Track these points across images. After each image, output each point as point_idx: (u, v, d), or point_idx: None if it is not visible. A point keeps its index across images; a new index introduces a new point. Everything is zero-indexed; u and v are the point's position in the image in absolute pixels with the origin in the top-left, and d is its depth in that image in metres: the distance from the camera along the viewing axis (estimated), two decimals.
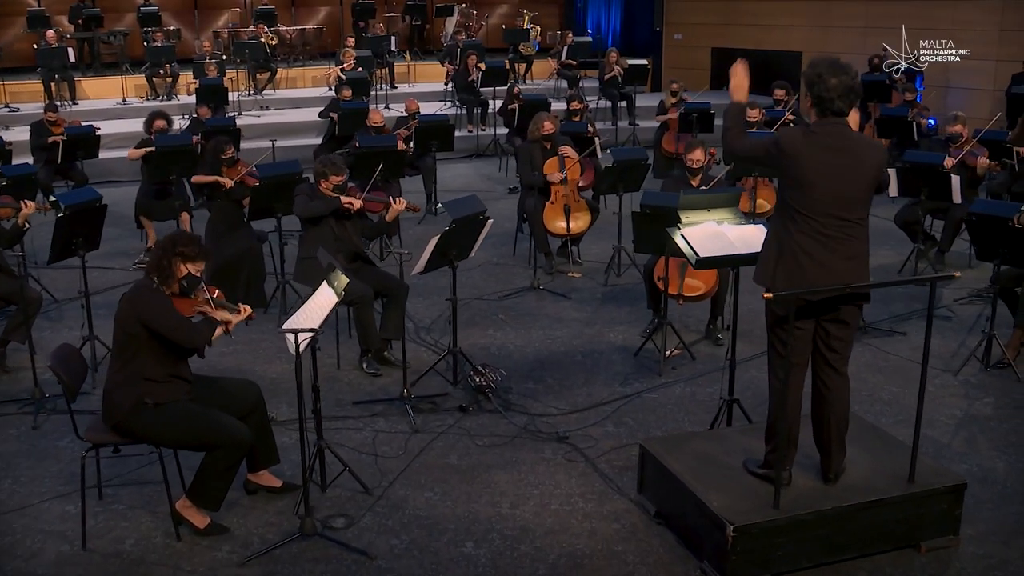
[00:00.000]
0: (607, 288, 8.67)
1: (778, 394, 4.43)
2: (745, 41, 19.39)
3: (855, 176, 4.23)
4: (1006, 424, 5.98)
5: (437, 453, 5.58)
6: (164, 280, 4.60)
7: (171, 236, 4.71)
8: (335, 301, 4.69)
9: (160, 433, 4.57)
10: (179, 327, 4.56)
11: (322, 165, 6.79)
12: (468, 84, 14.84)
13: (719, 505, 4.34)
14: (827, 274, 4.26)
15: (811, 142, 4.22)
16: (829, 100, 4.21)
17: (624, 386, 6.54)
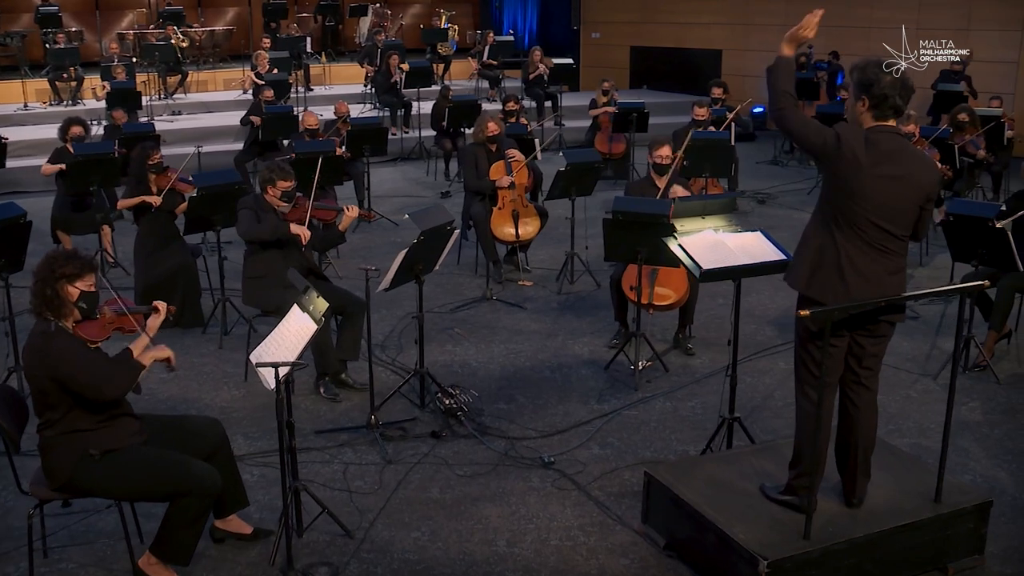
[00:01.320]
0: (562, 296, 8.32)
1: (810, 417, 4.12)
2: (664, 40, 19.39)
3: (908, 190, 3.94)
4: (998, 430, 5.82)
5: (416, 486, 5.14)
6: (59, 313, 3.98)
7: (44, 262, 4.02)
8: (314, 329, 4.21)
9: (117, 486, 4.02)
10: (90, 381, 3.92)
11: (268, 171, 6.27)
12: (390, 86, 14.34)
13: (746, 538, 4.01)
14: (870, 287, 3.97)
15: (871, 148, 3.89)
16: (888, 97, 3.89)
17: (601, 403, 6.18)
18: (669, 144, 7.06)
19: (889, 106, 3.93)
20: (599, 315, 7.81)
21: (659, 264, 6.46)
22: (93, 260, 4.13)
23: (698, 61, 19.14)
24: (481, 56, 16.72)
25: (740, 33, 18.53)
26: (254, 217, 6.18)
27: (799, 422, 4.28)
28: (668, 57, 19.33)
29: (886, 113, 3.95)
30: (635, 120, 11.82)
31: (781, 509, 4.25)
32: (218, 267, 7.29)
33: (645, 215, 6.26)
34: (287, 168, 6.30)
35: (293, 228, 6.18)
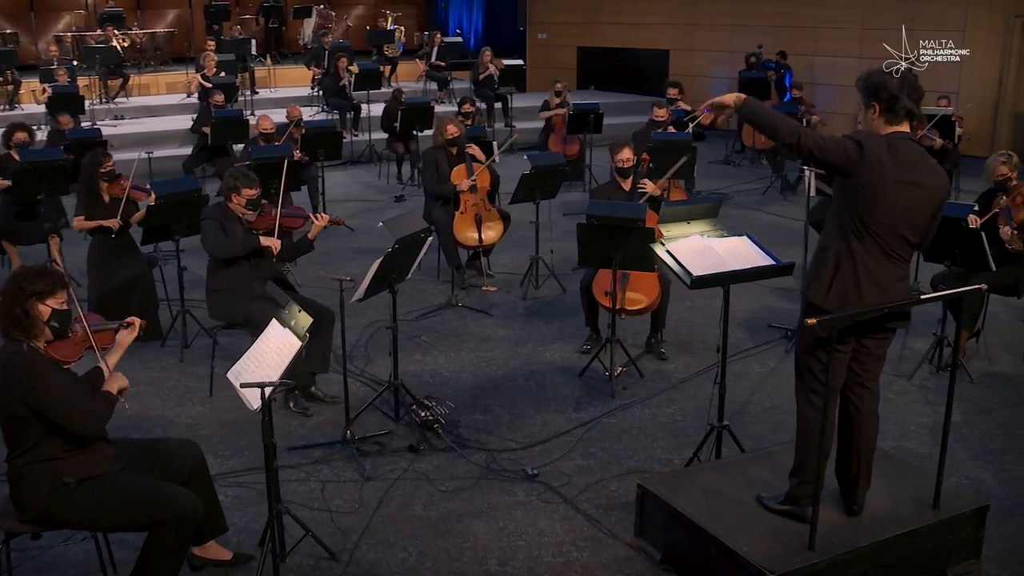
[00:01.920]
0: (528, 302, 8.20)
1: (815, 423, 4.03)
2: (611, 40, 19.39)
3: (926, 197, 3.89)
4: (977, 431, 5.82)
5: (399, 503, 4.97)
6: (30, 334, 3.75)
7: (13, 279, 3.78)
8: (298, 346, 4.02)
9: (94, 516, 3.79)
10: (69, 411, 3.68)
11: (232, 178, 6.04)
12: (339, 88, 14.09)
13: (750, 551, 3.92)
14: (883, 294, 3.91)
15: (893, 154, 3.81)
16: (898, 99, 3.82)
17: (579, 411, 6.07)
18: (629, 146, 6.97)
19: (901, 107, 3.86)
20: (567, 320, 7.70)
21: (634, 269, 6.37)
22: (64, 277, 3.90)
23: (645, 61, 19.17)
24: (429, 57, 16.53)
25: (686, 33, 18.59)
26: (220, 229, 5.94)
27: (802, 429, 4.19)
28: (615, 57, 19.33)
29: (899, 116, 3.88)
30: (592, 121, 11.69)
31: (782, 520, 4.17)
32: (177, 277, 7.03)
33: (620, 219, 6.16)
34: (252, 175, 6.08)
35: (263, 241, 5.96)
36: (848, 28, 16.37)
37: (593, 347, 6.99)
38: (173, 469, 4.11)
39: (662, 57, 19.02)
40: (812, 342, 4.01)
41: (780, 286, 8.58)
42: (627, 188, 6.93)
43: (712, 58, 18.15)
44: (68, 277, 8.04)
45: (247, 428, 5.76)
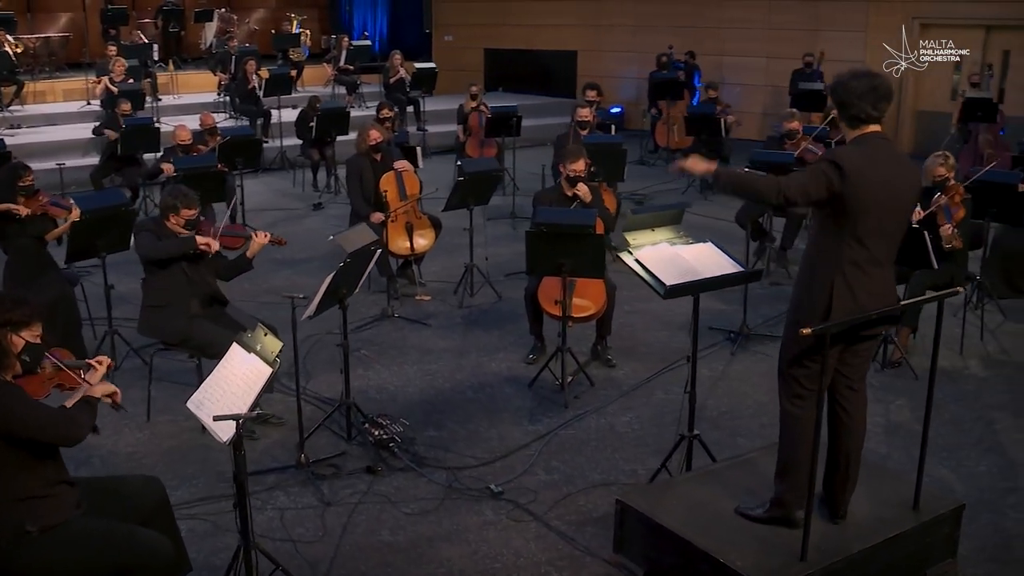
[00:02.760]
0: (464, 310, 8.04)
1: (804, 429, 4.00)
2: (517, 41, 19.32)
3: (904, 195, 3.90)
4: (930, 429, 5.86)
5: (364, 529, 4.76)
6: (1, 365, 3.51)
7: None
8: (268, 373, 3.79)
9: (59, 567, 3.49)
10: (49, 422, 3.48)
11: (172, 197, 5.75)
12: (248, 93, 13.68)
13: (744, 564, 3.86)
14: (876, 301, 3.92)
15: (865, 160, 3.79)
16: (855, 105, 3.82)
17: (534, 424, 5.95)
18: (584, 157, 6.86)
19: (860, 115, 3.86)
20: (507, 328, 7.58)
21: (584, 276, 6.29)
22: (41, 308, 3.61)
23: (553, 62, 19.18)
24: (337, 61, 16.19)
25: (593, 34, 18.66)
26: (155, 239, 5.65)
27: (788, 435, 4.14)
28: (523, 59, 19.28)
29: (863, 121, 3.88)
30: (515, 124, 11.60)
31: (768, 529, 4.12)
32: (105, 296, 6.66)
33: (570, 226, 6.07)
34: (191, 194, 5.79)
35: (200, 241, 5.67)
36: (753, 28, 16.65)
37: (539, 356, 6.89)
38: (135, 508, 3.85)
39: (570, 58, 19.06)
40: (800, 351, 3.96)
41: None
42: (570, 195, 6.82)
43: (620, 59, 18.25)
44: None
45: (192, 455, 5.49)
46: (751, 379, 6.60)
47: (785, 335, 4.15)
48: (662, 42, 16.92)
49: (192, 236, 5.67)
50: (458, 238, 9.09)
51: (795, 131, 9.24)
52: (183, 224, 5.69)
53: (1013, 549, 4.63)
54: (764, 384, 6.50)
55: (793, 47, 16.01)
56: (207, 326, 5.71)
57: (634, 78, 17.82)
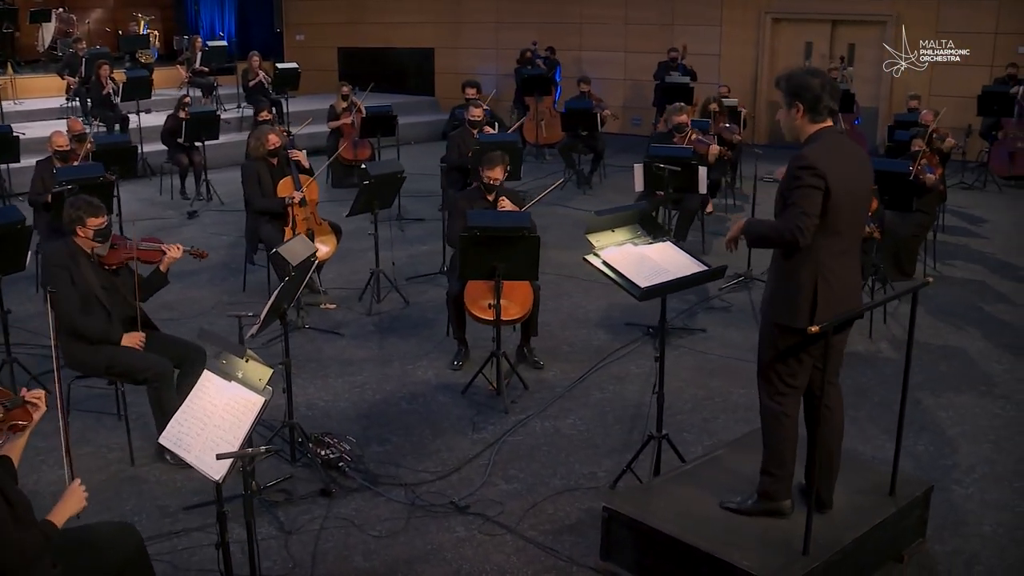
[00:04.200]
0: (374, 318, 7.81)
1: (786, 425, 4.08)
2: (373, 40, 19.03)
3: (865, 183, 4.04)
4: (862, 412, 6.05)
5: (335, 557, 4.52)
6: None
7: None
8: (261, 403, 3.53)
9: None
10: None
11: (74, 208, 5.28)
12: (104, 98, 12.91)
13: (750, 564, 3.85)
14: (854, 292, 4.04)
15: (831, 156, 3.86)
16: (820, 99, 3.89)
17: (478, 432, 5.81)
18: (503, 165, 6.74)
19: (824, 107, 3.95)
20: (422, 334, 7.41)
21: (519, 279, 6.20)
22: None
23: (409, 60, 18.96)
24: (192, 63, 15.49)
25: (451, 32, 18.55)
26: (69, 281, 5.19)
27: (770, 431, 4.17)
28: (377, 57, 18.96)
29: (823, 115, 3.96)
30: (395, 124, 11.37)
31: (760, 525, 4.13)
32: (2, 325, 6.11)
33: (505, 229, 5.96)
34: (95, 202, 5.35)
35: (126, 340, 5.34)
36: (611, 24, 16.90)
37: (463, 361, 6.76)
38: (110, 561, 3.51)
39: (427, 56, 18.89)
40: (783, 349, 4.01)
41: None
42: (491, 199, 6.70)
43: (479, 55, 18.21)
44: None
45: (124, 489, 5.11)
46: (681, 374, 6.64)
47: (763, 335, 4.16)
48: (521, 39, 16.98)
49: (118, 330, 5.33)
50: (350, 242, 8.85)
51: (684, 124, 9.41)
52: (92, 236, 5.26)
53: (969, 523, 4.81)
54: (694, 379, 6.57)
55: (651, 42, 16.36)
56: (131, 351, 5.32)
57: (493, 74, 17.80)
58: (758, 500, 4.21)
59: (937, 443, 5.68)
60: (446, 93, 18.58)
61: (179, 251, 5.67)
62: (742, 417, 5.97)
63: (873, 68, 14.94)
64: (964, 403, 6.24)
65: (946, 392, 6.40)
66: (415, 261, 9.27)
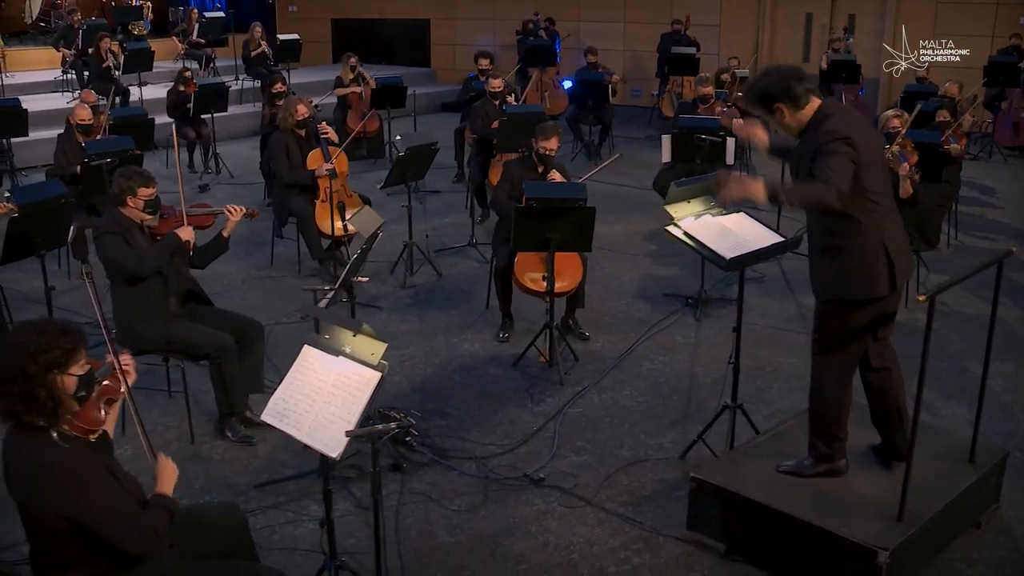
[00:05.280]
0: (409, 291, 7.76)
1: (844, 391, 4.24)
2: (367, 11, 18.82)
3: (881, 146, 4.26)
4: None
5: (419, 533, 4.49)
6: (55, 418, 2.90)
7: (18, 350, 2.86)
8: (378, 378, 3.48)
9: None
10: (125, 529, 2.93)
11: (124, 178, 5.17)
12: (104, 71, 12.67)
13: (850, 530, 3.87)
14: (908, 252, 4.14)
15: (852, 124, 3.93)
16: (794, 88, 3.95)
17: (538, 404, 5.79)
18: (558, 135, 6.68)
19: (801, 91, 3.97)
20: (461, 307, 7.37)
21: (572, 250, 6.17)
22: (80, 329, 3.09)
23: (404, 32, 18.76)
24: (188, 35, 15.24)
25: (447, 3, 18.35)
26: (124, 243, 5.10)
27: (827, 397, 4.26)
28: (372, 29, 18.78)
29: (805, 98, 3.98)
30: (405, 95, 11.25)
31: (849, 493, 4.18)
32: (46, 299, 5.99)
33: (560, 200, 5.92)
34: (146, 172, 5.27)
35: (181, 233, 5.20)
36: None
37: (509, 334, 6.73)
38: (217, 540, 3.45)
39: (422, 27, 18.70)
40: (851, 321, 4.08)
41: (645, 253, 8.68)
42: (540, 171, 6.64)
43: (476, 27, 18.05)
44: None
45: (190, 468, 5.03)
46: (726, 344, 6.59)
47: (829, 313, 4.17)
48: (518, 10, 16.85)
49: (172, 235, 5.18)
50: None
51: (709, 96, 9.38)
52: (143, 207, 5.16)
53: None
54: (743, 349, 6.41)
55: (649, 13, 16.28)
56: (190, 326, 5.24)
57: (490, 46, 17.61)
58: (815, 462, 4.29)
59: (992, 410, 5.70)
60: (442, 64, 18.44)
61: (239, 213, 5.60)
62: (795, 386, 5.99)
63: (873, 39, 14.94)
64: (1011, 371, 6.30)
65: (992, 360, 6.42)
66: (440, 234, 9.20)
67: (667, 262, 8.42)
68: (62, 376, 2.91)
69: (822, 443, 4.28)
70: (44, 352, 2.87)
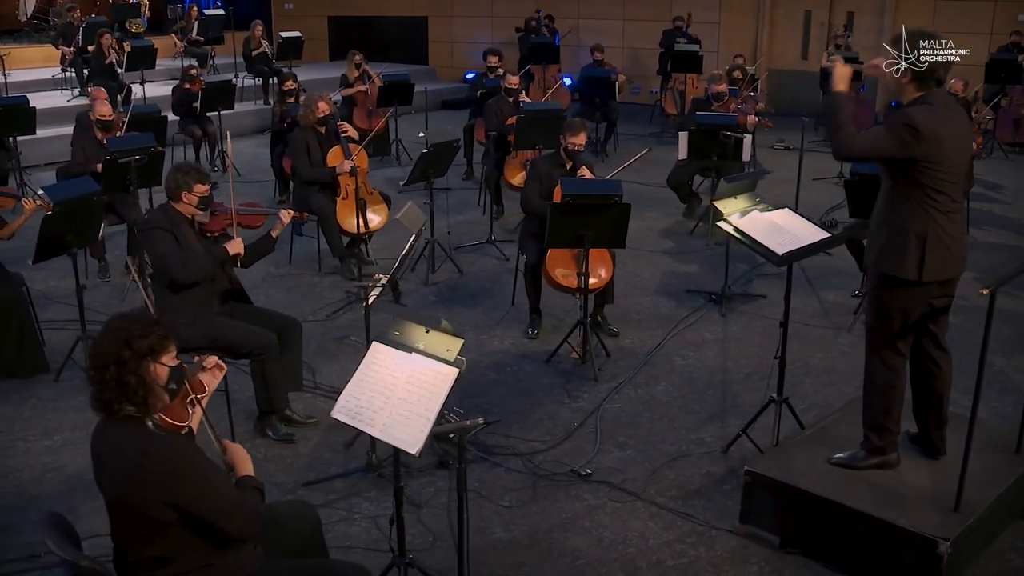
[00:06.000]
0: (432, 288, 7.77)
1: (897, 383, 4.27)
2: (364, 8, 18.79)
3: (967, 144, 4.23)
4: None
5: (474, 530, 4.44)
6: (147, 406, 2.89)
7: (114, 336, 2.88)
8: (454, 373, 3.49)
9: None
10: (232, 512, 2.92)
11: (182, 174, 5.18)
12: (106, 68, 12.60)
13: (908, 521, 3.92)
14: (962, 249, 4.16)
15: (940, 118, 3.96)
16: (934, 72, 3.97)
17: (575, 400, 5.81)
18: (586, 131, 6.70)
19: (934, 80, 4.02)
20: (486, 304, 7.39)
21: (606, 246, 6.21)
22: (174, 323, 3.10)
23: (401, 29, 18.74)
24: (187, 32, 15.17)
25: (444, 0, 18.33)
26: (174, 241, 5.10)
27: (880, 389, 4.30)
28: (369, 26, 18.73)
29: (929, 85, 4.03)
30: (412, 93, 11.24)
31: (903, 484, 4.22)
32: (77, 297, 5.97)
33: (597, 197, 5.94)
34: (202, 168, 5.30)
35: (230, 248, 5.22)
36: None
37: (538, 330, 6.75)
38: (291, 539, 3.44)
39: (419, 25, 18.68)
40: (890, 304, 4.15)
41: (662, 249, 8.72)
42: (568, 167, 6.66)
43: (474, 24, 18.05)
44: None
45: None
46: (755, 340, 6.70)
47: (871, 293, 4.25)
48: (517, 7, 16.86)
49: (221, 247, 5.21)
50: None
51: (723, 93, 9.42)
52: (196, 203, 5.17)
53: None
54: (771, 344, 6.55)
55: (649, 10, 16.32)
56: (233, 324, 5.23)
57: (488, 43, 17.62)
58: (868, 455, 4.34)
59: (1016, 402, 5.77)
60: (441, 62, 18.43)
61: (289, 216, 5.67)
62: (827, 380, 6.06)
63: (872, 36, 15.02)
64: None
65: (1016, 354, 6.51)
66: (456, 231, 9.19)
67: (686, 258, 8.46)
68: (155, 364, 2.91)
69: (874, 436, 4.34)
70: (139, 339, 2.88)
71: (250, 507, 2.98)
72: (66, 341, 6.36)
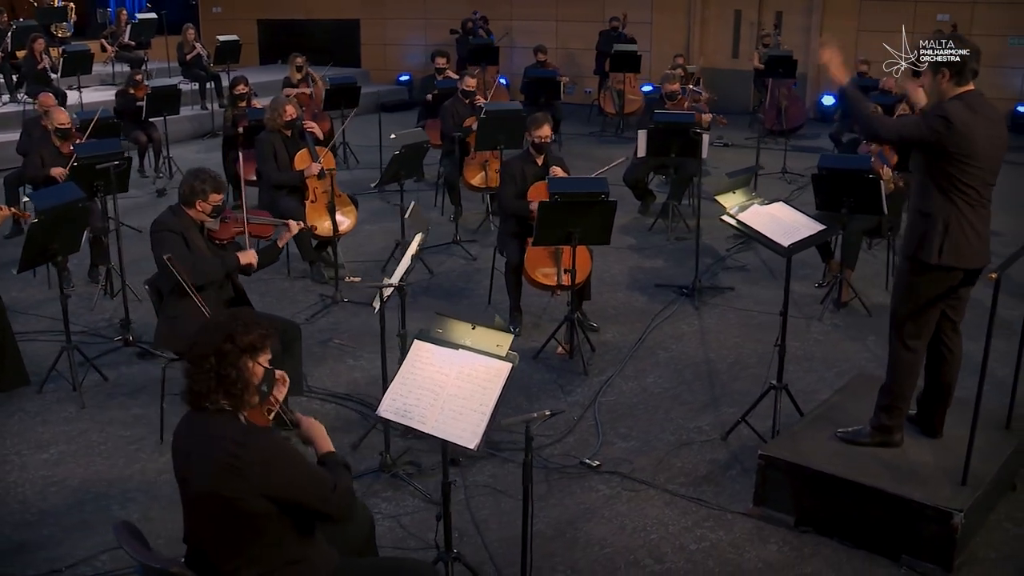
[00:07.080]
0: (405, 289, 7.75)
1: (914, 366, 4.49)
2: (294, 11, 18.63)
3: (1002, 143, 4.33)
4: None
5: (498, 524, 4.57)
6: (240, 401, 2.93)
7: (218, 330, 2.94)
8: (507, 368, 3.57)
9: None
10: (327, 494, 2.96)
11: (198, 181, 5.15)
12: (39, 74, 12.28)
13: (922, 494, 4.13)
14: (984, 243, 4.32)
15: (975, 114, 4.16)
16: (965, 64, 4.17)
17: (569, 395, 5.93)
18: (549, 123, 6.82)
19: (969, 71, 4.21)
20: (462, 303, 7.47)
21: (593, 243, 6.33)
22: (271, 325, 3.11)
23: (334, 32, 18.60)
24: (118, 37, 14.86)
25: (376, 2, 18.28)
26: (184, 245, 5.07)
27: (899, 370, 4.52)
28: (300, 29, 18.54)
29: (967, 79, 4.22)
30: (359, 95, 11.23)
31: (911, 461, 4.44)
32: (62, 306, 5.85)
33: (584, 194, 6.06)
34: (218, 177, 5.26)
35: (243, 258, 5.21)
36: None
37: (520, 327, 6.85)
38: (352, 538, 3.47)
39: (352, 27, 18.59)
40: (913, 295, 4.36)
41: (626, 245, 8.88)
42: (540, 163, 6.77)
43: (407, 26, 18.04)
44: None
45: None
46: (732, 331, 6.90)
47: (898, 279, 4.47)
48: (451, 9, 16.92)
49: (234, 256, 5.20)
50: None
51: (676, 92, 9.64)
52: (210, 211, 5.15)
53: None
54: (749, 335, 6.83)
55: (582, 10, 16.53)
56: None
57: (422, 45, 17.69)
58: (873, 432, 4.56)
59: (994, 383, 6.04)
60: (374, 65, 18.36)
61: (298, 227, 5.69)
62: (808, 367, 6.27)
63: (800, 35, 15.50)
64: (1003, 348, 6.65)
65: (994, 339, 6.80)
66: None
67: (650, 254, 8.65)
68: (253, 362, 2.95)
69: (885, 415, 4.55)
70: (242, 334, 2.93)
71: (343, 487, 3.03)
72: (42, 353, 6.26)
